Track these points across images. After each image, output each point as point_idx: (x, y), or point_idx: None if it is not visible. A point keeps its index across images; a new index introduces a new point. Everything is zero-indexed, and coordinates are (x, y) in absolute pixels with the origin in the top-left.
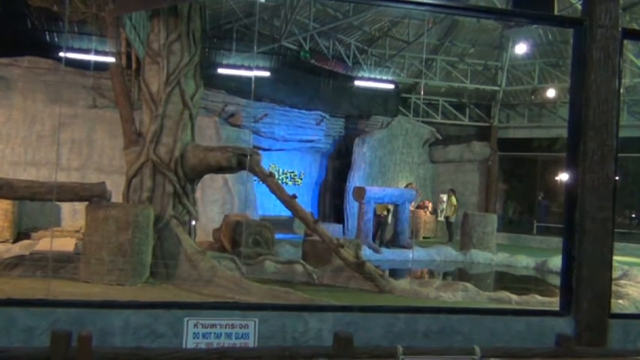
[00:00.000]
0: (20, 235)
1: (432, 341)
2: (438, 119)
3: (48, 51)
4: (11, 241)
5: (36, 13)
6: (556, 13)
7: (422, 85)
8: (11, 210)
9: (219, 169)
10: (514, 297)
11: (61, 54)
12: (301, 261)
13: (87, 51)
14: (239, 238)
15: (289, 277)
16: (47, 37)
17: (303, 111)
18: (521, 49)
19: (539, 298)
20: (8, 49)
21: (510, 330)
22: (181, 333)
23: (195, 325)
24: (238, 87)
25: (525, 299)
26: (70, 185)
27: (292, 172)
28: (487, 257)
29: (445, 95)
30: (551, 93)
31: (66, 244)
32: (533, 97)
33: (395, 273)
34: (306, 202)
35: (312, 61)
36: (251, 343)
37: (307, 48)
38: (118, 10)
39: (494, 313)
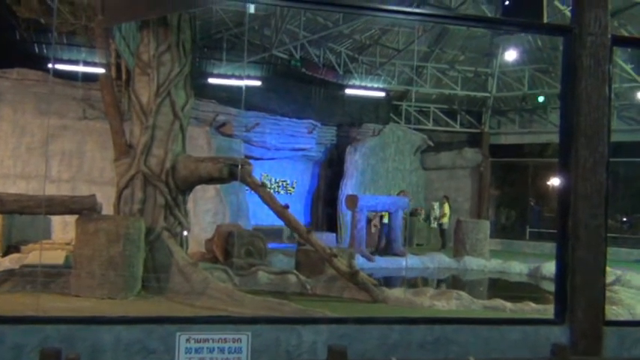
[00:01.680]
0: (10, 248)
1: (428, 352)
2: (430, 126)
3: (37, 62)
4: (1, 254)
5: (25, 24)
6: (545, 21)
7: (413, 93)
8: (0, 223)
9: (211, 180)
10: (508, 305)
11: (50, 65)
12: (294, 271)
13: (76, 62)
14: (231, 249)
15: (282, 288)
16: (36, 49)
17: (295, 120)
18: (510, 55)
19: (533, 305)
20: None
21: (506, 339)
22: (173, 348)
23: (188, 340)
24: (229, 97)
25: (520, 307)
26: (60, 198)
27: (284, 181)
28: (480, 264)
29: (436, 102)
30: (541, 99)
31: (56, 257)
32: (523, 103)
33: (389, 281)
34: (299, 211)
35: (303, 69)
36: (244, 357)
37: (298, 57)
38: (107, 21)
39: (489, 322)
